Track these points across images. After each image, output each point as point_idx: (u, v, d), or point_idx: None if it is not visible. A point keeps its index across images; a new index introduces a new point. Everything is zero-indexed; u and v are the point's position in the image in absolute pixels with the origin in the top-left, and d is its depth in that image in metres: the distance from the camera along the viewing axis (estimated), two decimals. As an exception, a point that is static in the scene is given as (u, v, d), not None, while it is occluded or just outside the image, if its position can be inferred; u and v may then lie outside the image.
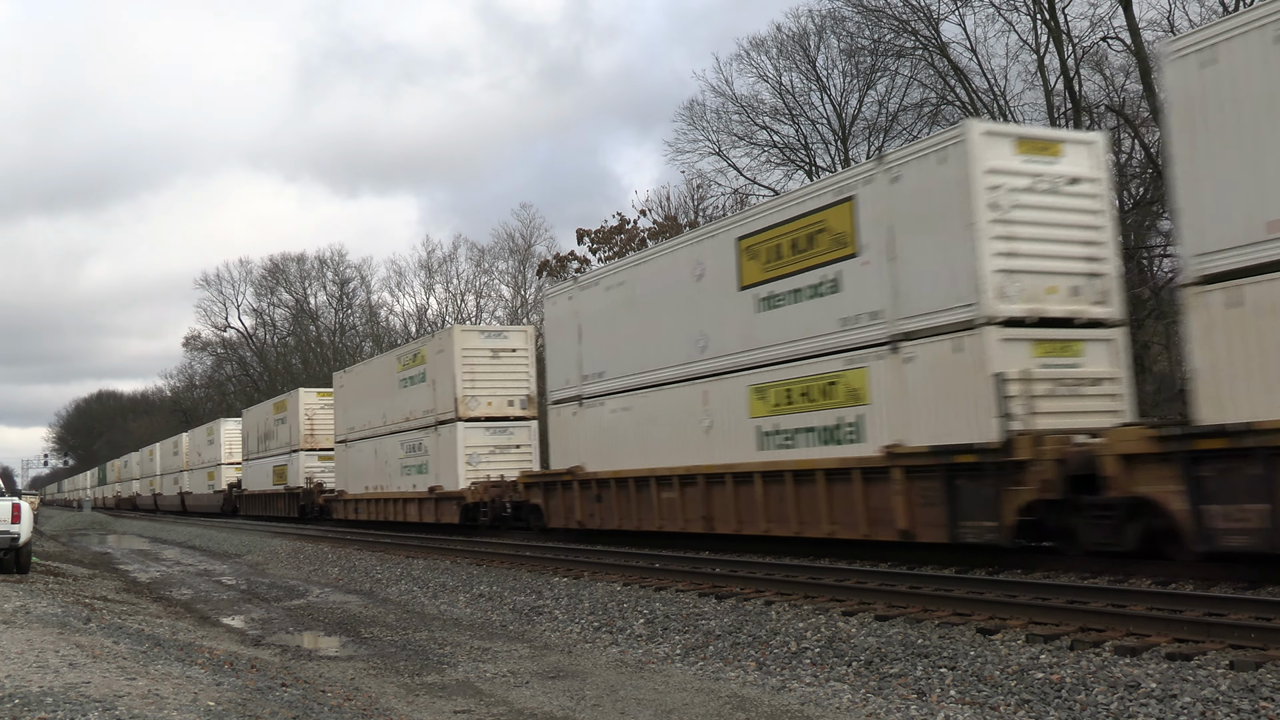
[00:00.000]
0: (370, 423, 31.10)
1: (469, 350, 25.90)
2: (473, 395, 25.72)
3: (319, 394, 39.83)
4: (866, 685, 8.24)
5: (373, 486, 30.77)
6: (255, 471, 45.08)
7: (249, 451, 46.50)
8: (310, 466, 38.58)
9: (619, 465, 19.18)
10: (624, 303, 19.63)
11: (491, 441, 25.76)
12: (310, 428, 38.80)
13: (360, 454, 31.91)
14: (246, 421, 47.81)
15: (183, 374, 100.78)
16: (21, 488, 52.06)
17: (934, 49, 36.21)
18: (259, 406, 47.21)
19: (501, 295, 64.21)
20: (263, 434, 43.82)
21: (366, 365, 34.07)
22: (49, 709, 5.98)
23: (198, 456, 59.27)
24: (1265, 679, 6.94)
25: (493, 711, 8.31)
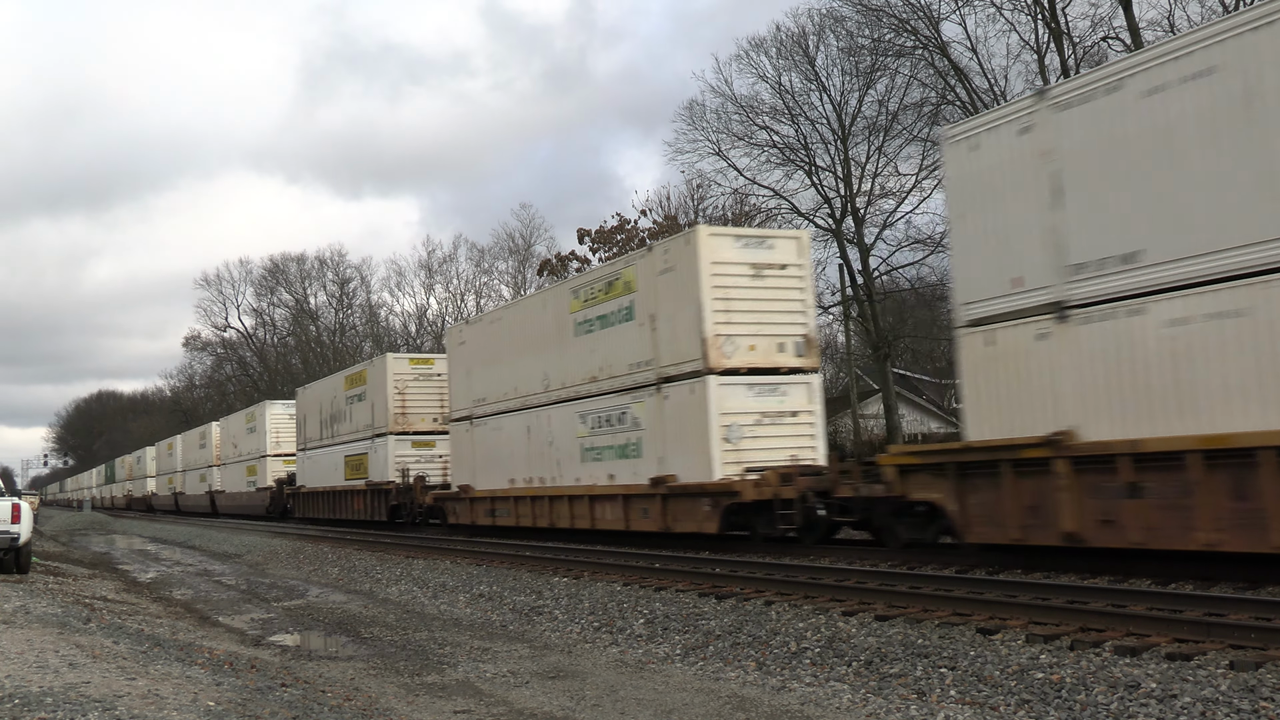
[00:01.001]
0: (518, 389, 23.10)
1: (722, 265, 17.38)
2: (730, 334, 17.25)
3: (412, 361, 32.10)
4: (866, 685, 8.24)
5: (526, 479, 22.70)
6: (317, 464, 36.83)
7: (307, 439, 38.01)
8: (402, 455, 30.32)
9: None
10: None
11: (757, 406, 17.42)
12: (401, 405, 30.80)
13: (498, 434, 24.01)
14: (303, 402, 39.02)
15: (183, 374, 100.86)
16: (21, 488, 51.95)
17: (934, 48, 36.21)
18: (321, 383, 38.55)
19: (502, 295, 64.22)
20: (328, 416, 35.84)
21: (509, 310, 25.58)
22: (49, 709, 5.98)
23: (233, 448, 50.78)
24: (1265, 679, 6.94)
25: (493, 711, 8.31)
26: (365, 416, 32.27)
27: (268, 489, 43.43)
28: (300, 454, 38.99)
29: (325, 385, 37.35)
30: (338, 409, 34.88)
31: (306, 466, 38.25)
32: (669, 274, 18.15)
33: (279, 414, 44.88)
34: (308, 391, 39.22)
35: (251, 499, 45.97)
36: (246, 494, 47.07)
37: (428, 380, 30.88)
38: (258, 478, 45.70)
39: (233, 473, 50.67)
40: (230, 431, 52.03)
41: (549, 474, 21.83)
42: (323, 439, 36.27)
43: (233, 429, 51.50)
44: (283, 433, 44.17)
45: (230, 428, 52.24)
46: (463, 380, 26.10)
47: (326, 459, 35.69)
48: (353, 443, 33.19)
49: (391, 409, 30.61)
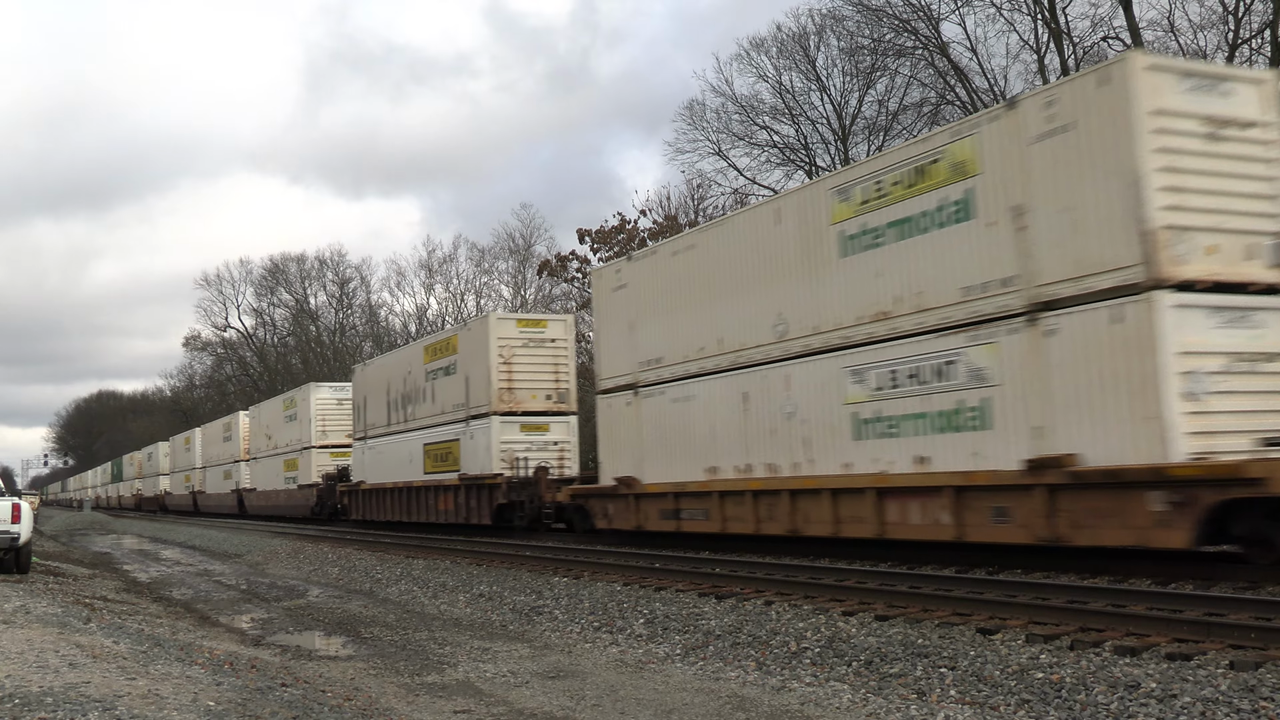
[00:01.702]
0: (724, 342, 17.16)
1: (1166, 118, 11.44)
2: (1185, 226, 11.27)
3: (520, 323, 25.31)
4: (866, 685, 8.24)
5: (741, 467, 16.66)
6: (383, 456, 30.69)
7: (368, 426, 32.13)
8: (510, 441, 24.15)
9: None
10: None
11: (1224, 343, 11.23)
12: (507, 378, 24.36)
13: (685, 407, 18.05)
14: (363, 382, 33.08)
15: (183, 374, 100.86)
16: (21, 487, 51.92)
17: (934, 48, 36.23)
18: (389, 357, 32.79)
19: (502, 295, 64.23)
20: (398, 397, 29.75)
21: (707, 233, 18.20)
22: (49, 709, 5.98)
23: (266, 440, 44.14)
24: (1265, 679, 6.94)
25: (493, 711, 8.31)
26: (455, 394, 26.05)
27: (312, 486, 37.21)
28: (358, 444, 32.96)
29: (395, 359, 31.20)
30: (413, 387, 28.69)
31: (368, 459, 31.86)
32: (1059, 137, 12.00)
33: (326, 399, 38.46)
34: (369, 369, 33.14)
35: (291, 498, 39.50)
36: (285, 492, 40.59)
37: (539, 347, 24.81)
38: (298, 473, 39.29)
39: (267, 468, 43.92)
40: (263, 421, 45.13)
41: (787, 459, 15.74)
42: (391, 425, 30.17)
43: (266, 418, 44.47)
44: (331, 420, 37.97)
45: (263, 417, 45.35)
46: (620, 337, 19.81)
47: (397, 449, 29.57)
48: (437, 427, 27.03)
49: (495, 383, 24.29)
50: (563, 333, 25.29)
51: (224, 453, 52.49)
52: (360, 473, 32.73)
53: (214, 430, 56.14)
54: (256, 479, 45.91)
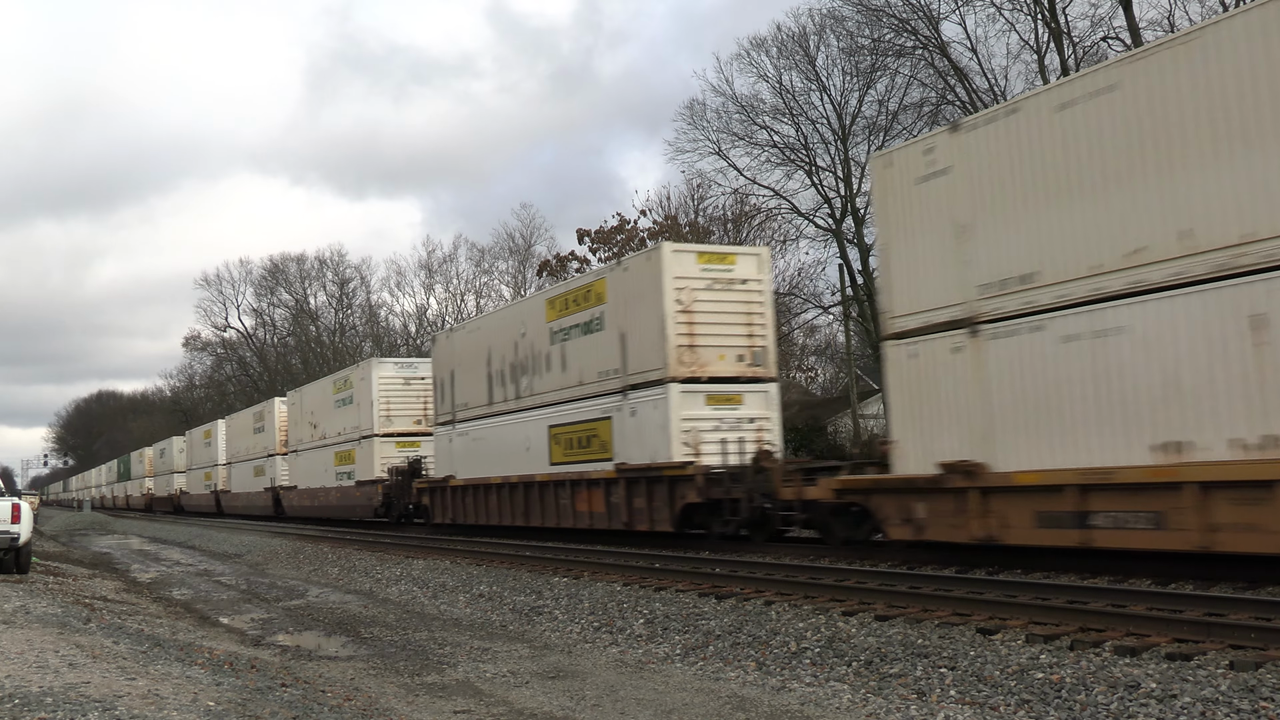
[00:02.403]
0: None
1: None
2: None
3: (702, 257, 18.87)
4: (866, 685, 8.24)
5: None
6: (483, 444, 24.76)
7: (458, 406, 26.00)
8: (694, 418, 18.18)
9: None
10: None
11: None
12: (688, 333, 18.29)
13: None
14: (448, 353, 26.88)
15: (183, 374, 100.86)
16: (21, 488, 51.76)
17: (934, 48, 36.23)
18: (486, 320, 26.68)
19: (502, 295, 64.24)
20: (507, 366, 23.75)
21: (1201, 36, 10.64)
22: (49, 709, 5.98)
23: (310, 430, 37.64)
24: (1265, 679, 6.94)
25: (493, 711, 8.31)
26: (603, 357, 20.06)
27: (375, 484, 31.14)
28: (442, 431, 26.99)
29: (499, 321, 25.06)
30: (530, 353, 22.77)
31: (459, 448, 25.86)
32: None
33: (390, 378, 32.12)
34: (459, 335, 26.93)
35: (347, 498, 33.46)
36: (338, 491, 34.46)
37: (726, 290, 18.57)
38: (355, 468, 32.90)
39: (311, 463, 37.39)
40: (305, 407, 38.58)
41: None
42: (495, 404, 24.32)
43: (311, 403, 38.08)
44: (397, 403, 31.94)
45: (306, 402, 38.76)
46: (936, 250, 13.31)
47: (505, 434, 23.71)
48: (571, 404, 21.18)
49: (673, 339, 18.09)
50: (756, 270, 19.05)
51: (255, 446, 45.91)
52: (447, 465, 26.51)
53: (242, 421, 49.33)
54: (298, 475, 39.09)
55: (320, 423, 36.64)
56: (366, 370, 32.75)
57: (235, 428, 50.66)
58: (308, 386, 40.60)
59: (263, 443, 44.74)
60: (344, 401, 34.36)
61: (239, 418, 51.14)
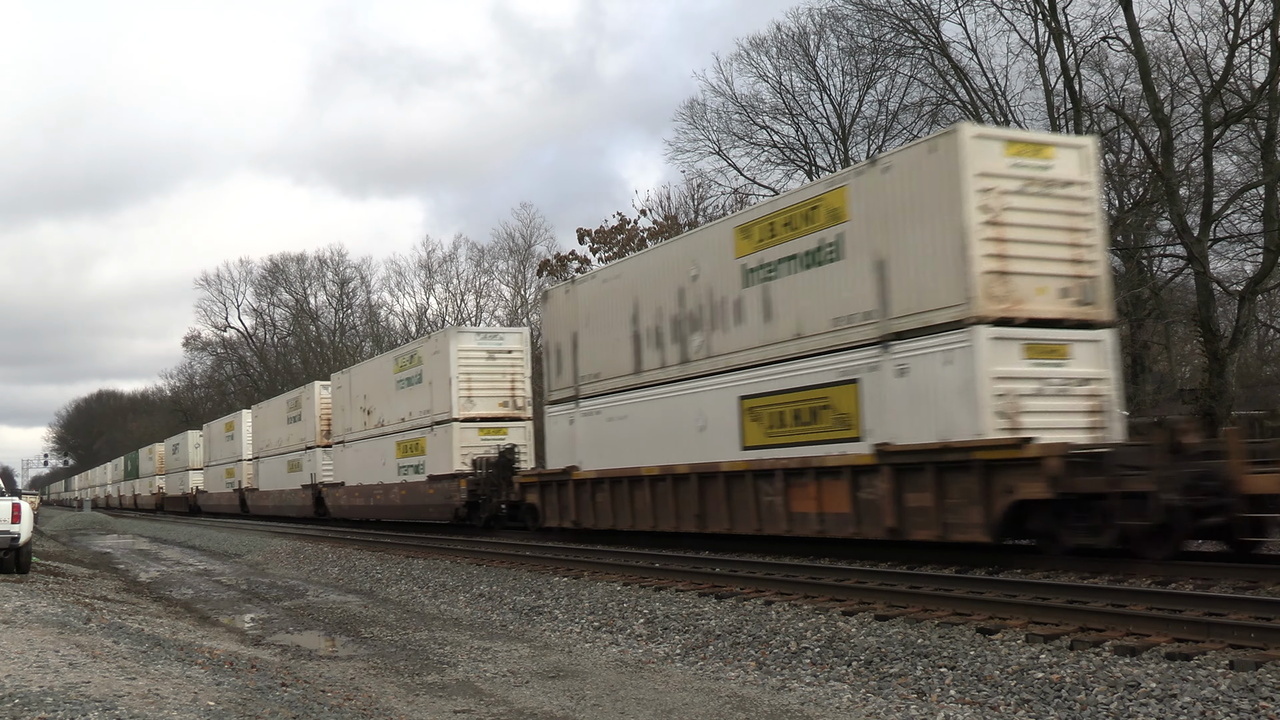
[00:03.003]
0: None
1: None
2: None
3: (1011, 147, 13.40)
4: (866, 685, 8.24)
5: None
6: (625, 425, 19.54)
7: (582, 379, 20.90)
8: (1012, 375, 12.80)
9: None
10: None
11: None
12: (999, 253, 12.94)
13: None
14: (568, 311, 21.57)
15: (183, 374, 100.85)
16: (22, 487, 51.69)
17: (934, 48, 36.21)
18: (635, 262, 21.18)
19: (502, 295, 64.26)
20: (657, 325, 18.70)
21: None
22: (49, 709, 5.98)
23: (362, 417, 32.19)
24: (1265, 679, 6.94)
25: (493, 711, 8.31)
26: (843, 296, 14.70)
27: (455, 478, 25.53)
28: (558, 411, 21.68)
29: (654, 264, 19.20)
30: (709, 301, 17.24)
31: (585, 432, 20.53)
32: None
33: (471, 351, 26.53)
34: (585, 289, 21.28)
35: (416, 497, 28.08)
36: (403, 488, 28.90)
37: (1045, 196, 13.34)
38: (426, 460, 27.55)
39: (365, 457, 31.99)
40: (354, 391, 33.20)
41: None
42: (643, 371, 18.88)
43: (362, 386, 32.64)
44: (480, 382, 26.45)
45: (356, 385, 33.18)
46: None
47: (665, 412, 18.29)
48: (789, 363, 15.61)
49: (978, 262, 12.88)
50: (1079, 170, 13.80)
51: (289, 438, 40.10)
52: (565, 454, 21.27)
53: (272, 410, 43.76)
54: (346, 470, 33.79)
55: (377, 408, 31.24)
56: (442, 342, 27.17)
57: (264, 418, 44.31)
58: (358, 366, 34.85)
59: (299, 434, 38.84)
60: (409, 381, 28.86)
61: (269, 406, 44.94)
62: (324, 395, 37.17)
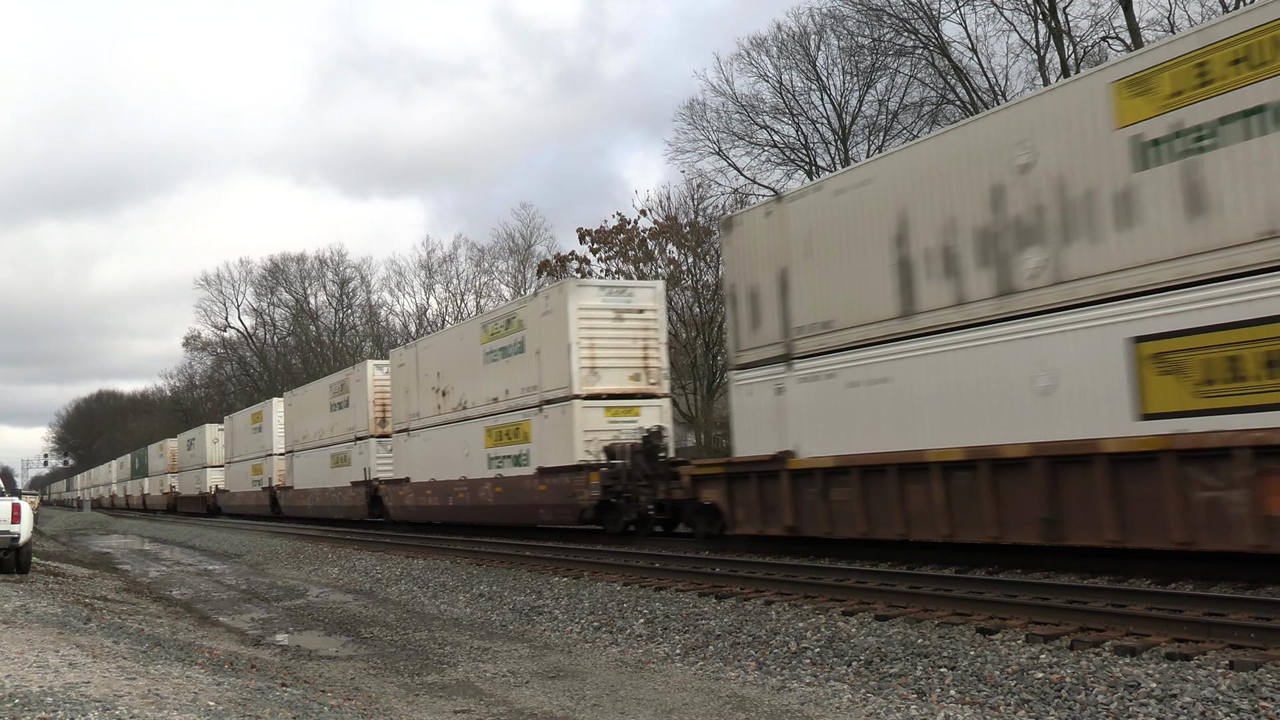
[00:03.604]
0: None
1: None
2: None
3: None
4: (866, 685, 8.24)
5: None
6: (867, 400, 14.15)
7: (799, 329, 15.29)
8: None
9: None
10: None
11: None
12: None
13: None
14: (775, 235, 15.80)
15: (183, 374, 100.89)
16: (21, 487, 51.61)
17: (934, 48, 36.22)
18: (866, 171, 14.57)
19: (502, 295, 64.26)
20: (948, 245, 13.04)
21: None
22: (49, 709, 5.98)
23: (435, 400, 26.78)
24: (1265, 679, 6.94)
25: (493, 711, 8.31)
26: None
27: (582, 471, 20.44)
28: (770, 375, 15.85)
29: (913, 162, 13.77)
30: (1064, 197, 11.74)
31: (823, 402, 14.99)
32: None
33: (595, 310, 21.34)
34: (786, 212, 15.71)
35: (516, 494, 22.72)
36: (494, 484, 23.66)
37: None
38: (530, 449, 22.37)
39: (438, 446, 26.51)
40: (420, 370, 27.85)
41: None
42: (915, 313, 13.53)
43: (433, 363, 27.10)
44: (605, 348, 21.23)
45: (428, 361, 27.47)
46: None
47: (969, 369, 12.89)
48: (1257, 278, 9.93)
49: None
50: None
51: (332, 428, 34.88)
52: (772, 434, 15.80)
53: (310, 397, 37.82)
54: (411, 464, 28.14)
55: (456, 387, 25.81)
56: (556, 300, 21.57)
57: (301, 406, 38.98)
58: (429, 339, 29.25)
59: (346, 422, 33.67)
60: (504, 352, 23.47)
61: (306, 393, 39.27)
62: (379, 376, 31.81)
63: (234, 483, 49.08)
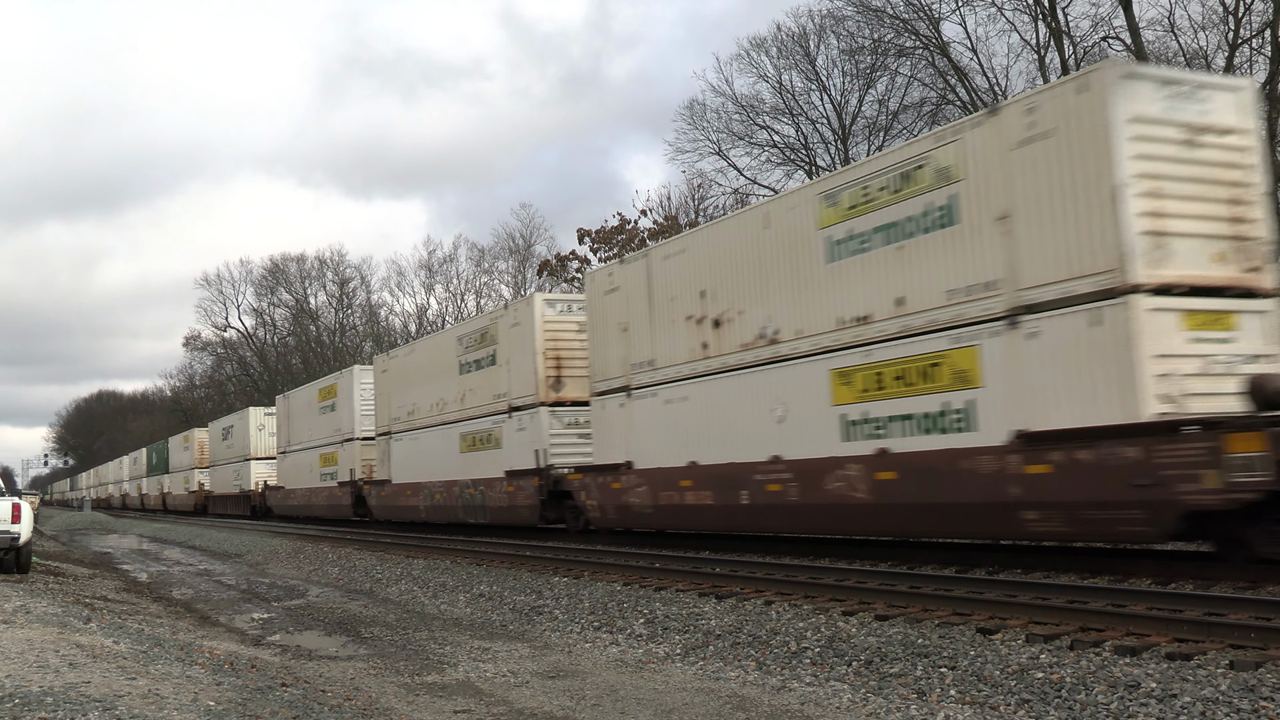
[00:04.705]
0: None
1: None
2: None
3: None
4: (866, 685, 8.24)
5: None
6: None
7: None
8: None
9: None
10: None
11: None
12: None
13: None
14: None
15: (183, 374, 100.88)
16: (22, 487, 51.53)
17: (935, 48, 36.22)
18: None
19: (502, 295, 64.26)
20: None
21: None
22: (49, 709, 5.98)
23: (737, 335, 16.20)
24: (1265, 679, 6.94)
25: (493, 711, 8.31)
26: None
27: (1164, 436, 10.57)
28: None
29: None
30: None
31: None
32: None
33: (1158, 121, 11.10)
34: None
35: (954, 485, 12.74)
36: (856, 467, 14.09)
37: None
38: (976, 397, 12.40)
39: (731, 413, 16.47)
40: (675, 281, 17.75)
41: None
42: None
43: (704, 261, 17.15)
44: (1182, 195, 11.01)
45: (686, 267, 17.53)
46: None
47: None
48: None
49: None
50: None
51: (477, 393, 24.04)
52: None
53: (420, 358, 27.78)
54: (639, 445, 18.51)
55: (742, 307, 16.22)
56: (1089, 101, 11.25)
57: (402, 370, 28.57)
58: (680, 242, 18.19)
59: (491, 386, 23.10)
60: (866, 241, 14.14)
61: (413, 352, 28.73)
62: (547, 314, 21.44)
63: (292, 477, 38.56)
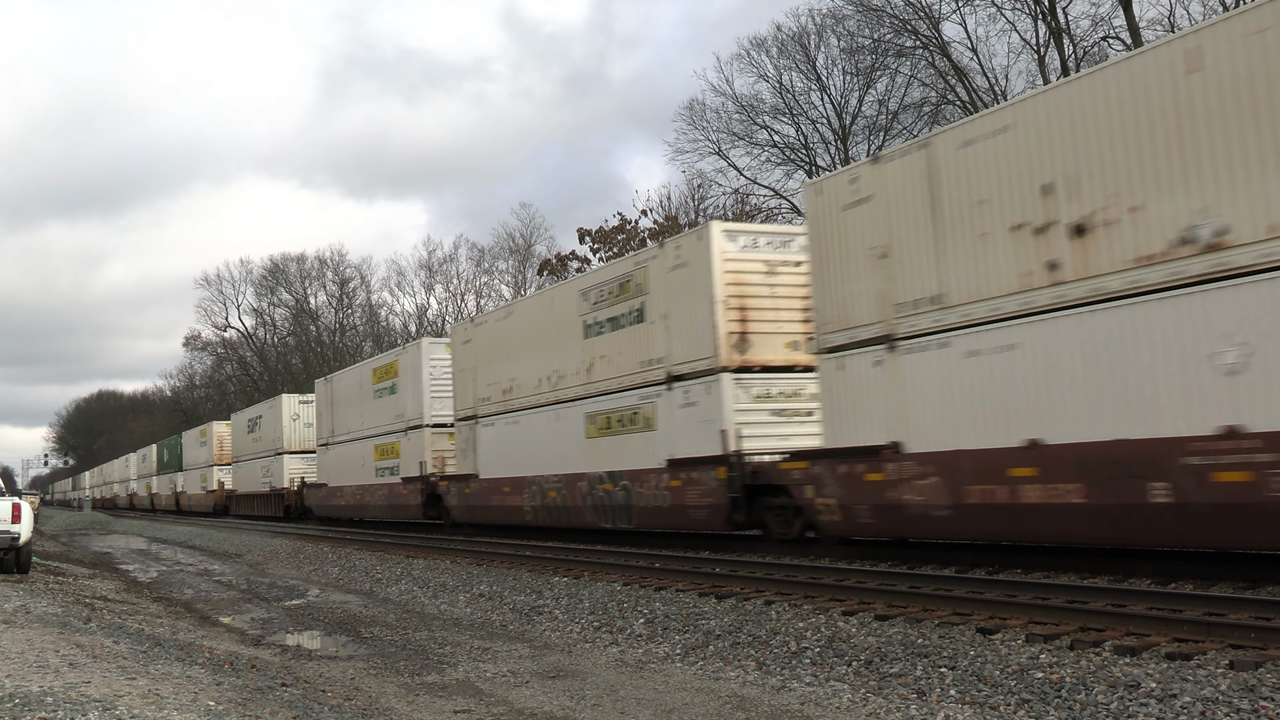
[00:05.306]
0: None
1: None
2: None
3: None
4: (866, 685, 8.24)
5: None
6: None
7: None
8: None
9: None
10: None
11: None
12: None
13: None
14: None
15: (183, 374, 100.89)
16: (22, 487, 51.50)
17: (935, 48, 36.22)
18: None
19: (502, 295, 64.27)
20: None
21: None
22: (49, 709, 5.98)
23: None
24: (1265, 679, 6.94)
25: (493, 711, 8.32)
26: None
27: None
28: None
29: None
30: None
31: None
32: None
33: None
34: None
35: None
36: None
37: None
38: None
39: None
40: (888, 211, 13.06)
41: None
42: None
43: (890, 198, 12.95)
44: None
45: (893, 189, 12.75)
46: None
47: None
48: None
49: None
50: None
51: (618, 363, 19.23)
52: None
53: (517, 322, 22.97)
54: (909, 417, 13.11)
55: (1139, 200, 10.54)
56: None
57: (493, 339, 23.74)
58: (927, 143, 13.05)
59: (638, 350, 18.64)
60: None
61: (510, 315, 23.57)
62: (727, 249, 16.86)
63: (337, 473, 33.17)
